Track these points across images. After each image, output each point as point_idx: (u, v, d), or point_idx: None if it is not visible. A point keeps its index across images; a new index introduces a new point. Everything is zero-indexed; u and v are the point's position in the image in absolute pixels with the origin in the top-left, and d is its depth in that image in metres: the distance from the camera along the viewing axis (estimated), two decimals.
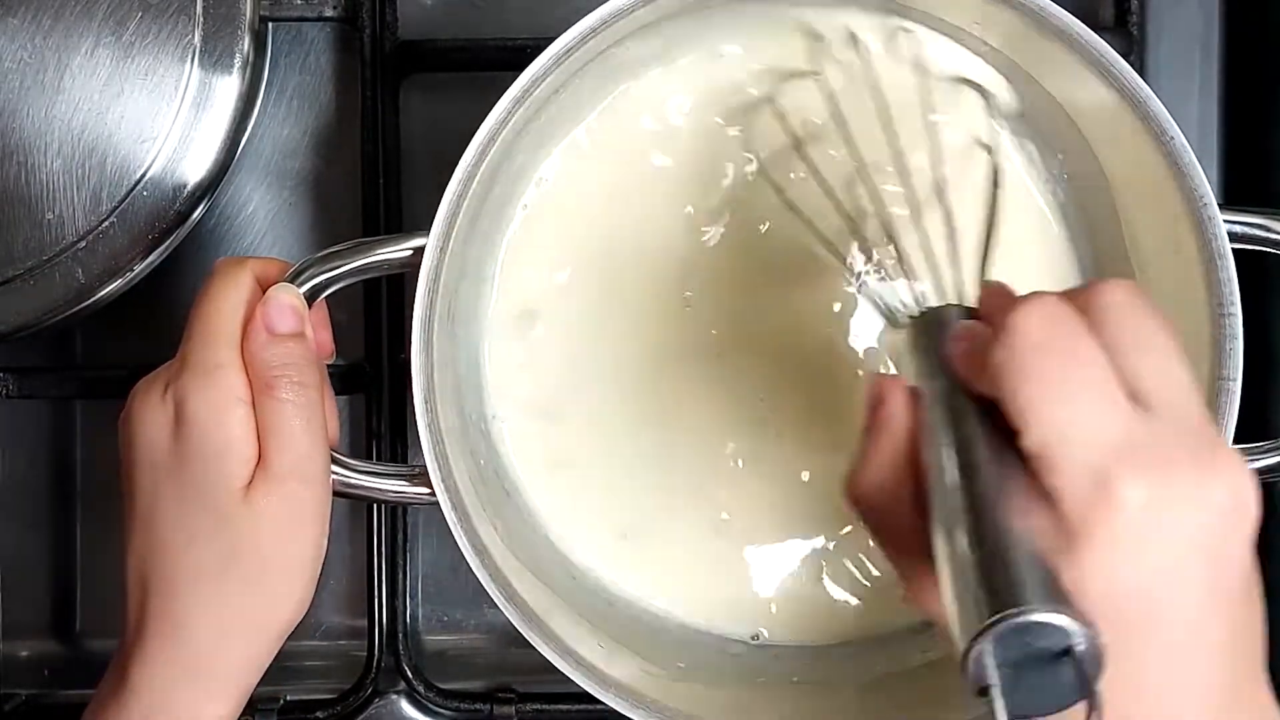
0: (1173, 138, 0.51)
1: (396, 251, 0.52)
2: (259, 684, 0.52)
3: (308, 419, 0.50)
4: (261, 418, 0.50)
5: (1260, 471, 0.53)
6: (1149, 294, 0.41)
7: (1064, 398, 0.38)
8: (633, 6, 0.51)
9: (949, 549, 0.39)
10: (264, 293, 0.51)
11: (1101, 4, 0.65)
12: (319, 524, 0.51)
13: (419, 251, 0.51)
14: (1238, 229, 0.52)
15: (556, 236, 0.59)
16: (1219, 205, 0.52)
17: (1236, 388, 0.52)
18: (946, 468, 0.40)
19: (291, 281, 0.51)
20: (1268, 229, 0.53)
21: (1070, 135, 0.57)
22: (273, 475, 0.49)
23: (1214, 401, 0.52)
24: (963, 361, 0.42)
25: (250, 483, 0.49)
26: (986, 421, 0.40)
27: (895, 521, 0.43)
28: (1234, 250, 0.52)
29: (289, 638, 0.52)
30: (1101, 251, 0.59)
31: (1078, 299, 0.40)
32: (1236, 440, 0.52)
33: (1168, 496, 0.37)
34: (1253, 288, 0.54)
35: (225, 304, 0.50)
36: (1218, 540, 0.37)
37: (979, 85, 0.57)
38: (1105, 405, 0.38)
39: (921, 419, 0.43)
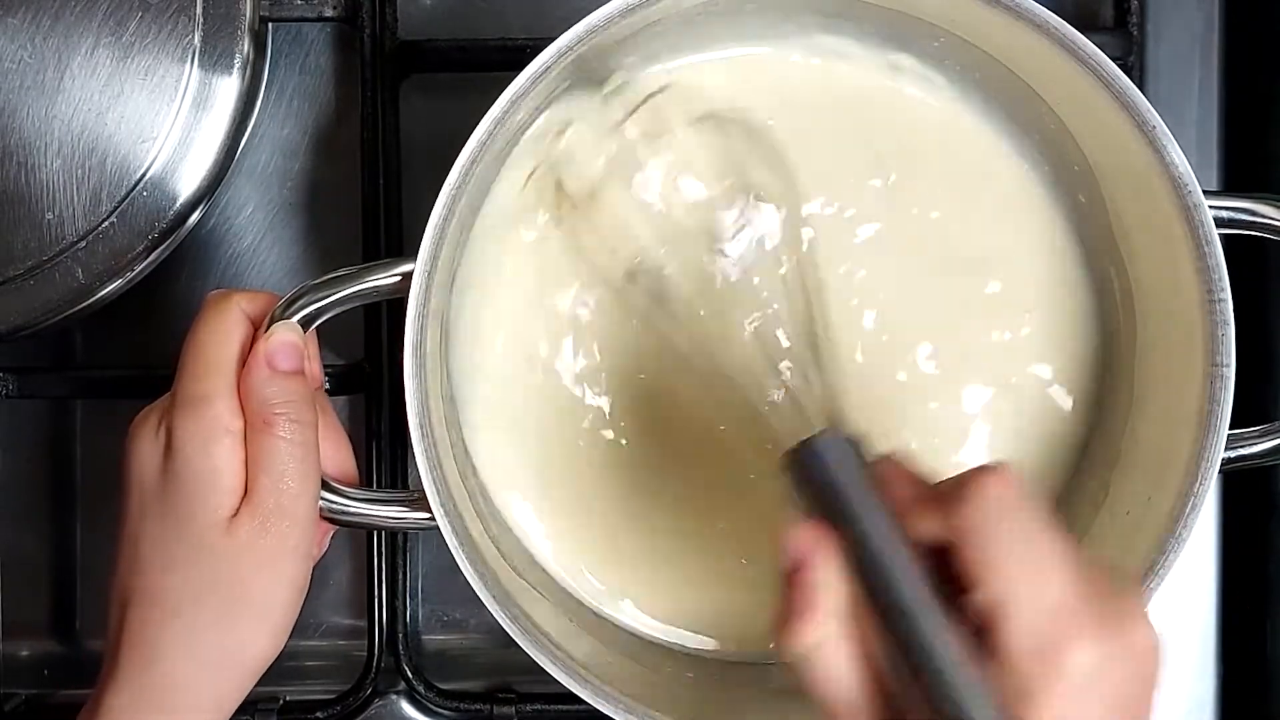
0: (1154, 126, 0.51)
1: (386, 279, 0.52)
2: (259, 684, 0.52)
3: (301, 457, 0.50)
4: (254, 453, 0.50)
5: (1255, 456, 0.54)
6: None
7: (1023, 562, 0.41)
8: (604, 26, 0.51)
9: (909, 696, 0.41)
10: (253, 326, 0.52)
11: (1101, 4, 0.65)
12: (299, 565, 0.51)
13: (407, 277, 0.51)
14: (1223, 214, 0.53)
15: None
16: (1204, 191, 0.52)
17: (1230, 374, 0.52)
18: (900, 616, 0.42)
19: (284, 311, 0.51)
20: (1253, 213, 0.53)
21: (1053, 127, 0.57)
22: (257, 511, 0.50)
23: (1208, 389, 0.52)
24: (914, 508, 0.43)
25: (235, 515, 0.50)
26: (926, 565, 0.42)
27: (835, 674, 0.43)
28: (1223, 236, 0.52)
29: (289, 637, 0.52)
30: (1091, 242, 0.59)
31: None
32: (1232, 426, 0.52)
33: (1106, 656, 0.41)
34: (1246, 273, 0.54)
35: (214, 337, 0.51)
36: (1142, 685, 0.42)
37: None
38: (1055, 572, 0.41)
39: (853, 563, 0.43)
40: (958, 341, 0.59)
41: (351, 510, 0.53)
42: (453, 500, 0.53)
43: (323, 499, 0.52)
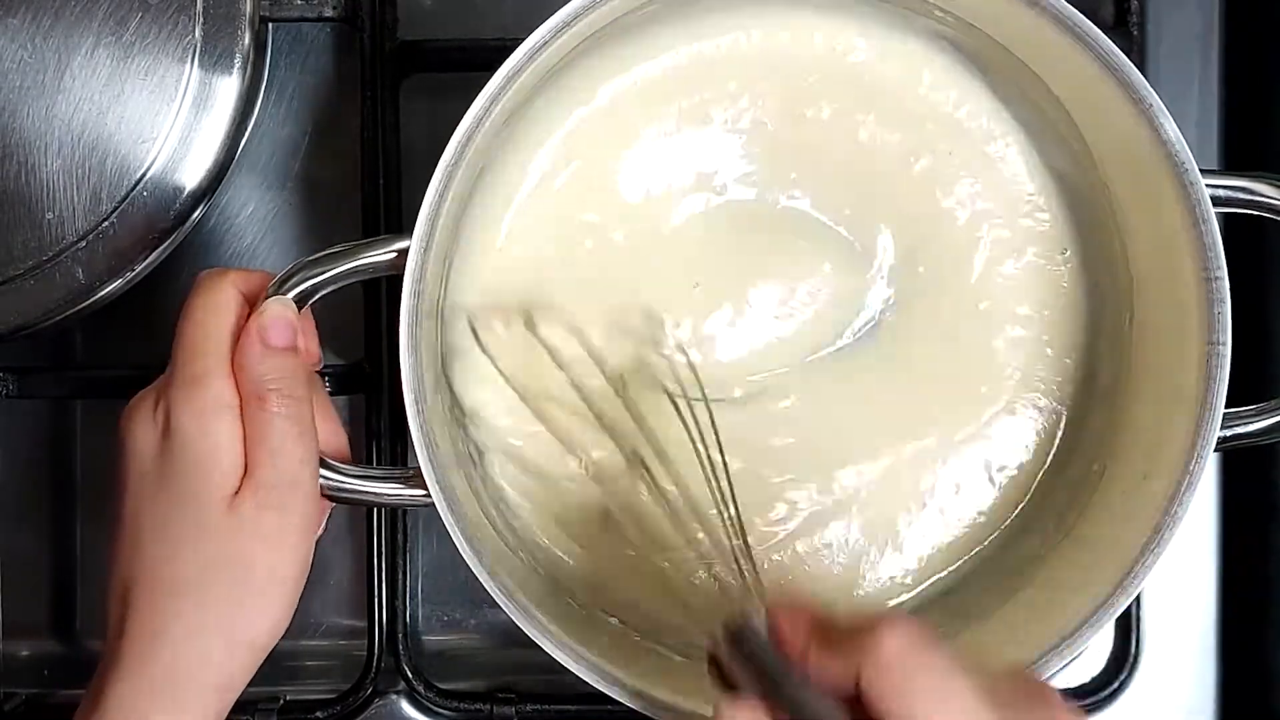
0: (1150, 104, 0.52)
1: (381, 255, 0.52)
2: (259, 684, 0.52)
3: (299, 433, 0.50)
4: (251, 429, 0.50)
5: (1250, 435, 0.54)
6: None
7: (944, 709, 0.41)
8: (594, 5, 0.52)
9: None
10: (248, 303, 0.51)
11: (1101, 4, 0.65)
12: (304, 540, 0.51)
13: (403, 254, 0.51)
14: (1220, 192, 0.53)
15: (539, 233, 0.59)
16: (1201, 170, 0.52)
17: (1227, 351, 0.52)
18: None
19: (279, 287, 0.51)
20: (1250, 191, 0.53)
21: (1050, 107, 0.57)
22: (260, 486, 0.49)
23: (1204, 367, 0.52)
24: (823, 660, 0.44)
25: (236, 493, 0.49)
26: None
27: None
28: (1220, 215, 0.52)
29: (289, 637, 0.52)
30: (1088, 220, 0.59)
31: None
32: (1229, 404, 0.52)
33: None
34: (1244, 252, 0.54)
35: (209, 315, 0.51)
36: None
37: None
38: (980, 712, 0.42)
39: None
40: (959, 322, 0.60)
41: (348, 487, 0.53)
42: (449, 479, 0.53)
43: (321, 476, 0.52)
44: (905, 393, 0.60)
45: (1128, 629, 0.65)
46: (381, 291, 0.63)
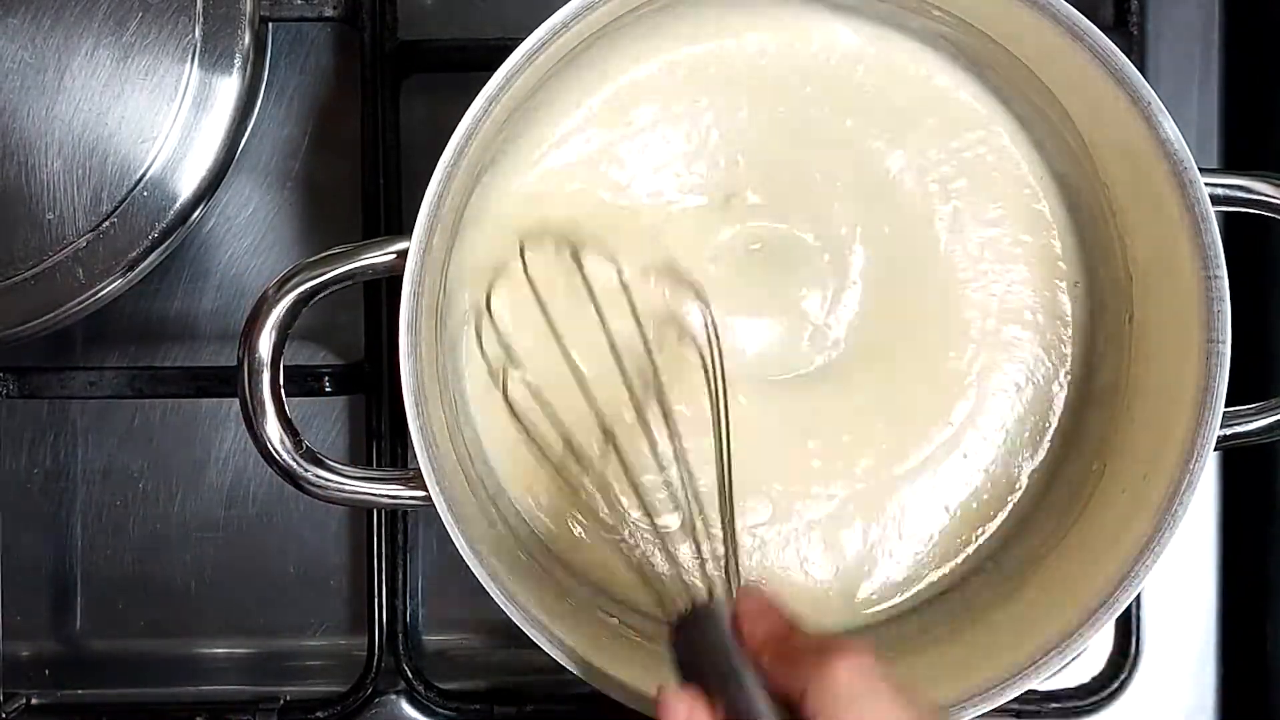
0: (1149, 103, 0.52)
1: (381, 256, 0.52)
2: (259, 684, 0.52)
3: None
4: None
5: (1250, 434, 0.54)
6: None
7: None
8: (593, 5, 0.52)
9: None
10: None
11: (1101, 4, 0.65)
12: None
13: (403, 255, 0.51)
14: (1220, 191, 0.53)
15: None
16: (1200, 169, 0.52)
17: (1226, 350, 0.52)
18: None
19: (278, 290, 0.51)
20: (1249, 189, 0.54)
21: (1049, 106, 0.57)
22: None
23: (1204, 366, 0.52)
24: (776, 662, 0.45)
25: None
26: None
27: None
28: (1220, 214, 0.52)
29: (289, 637, 0.51)
30: (1087, 220, 0.59)
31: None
32: (1229, 403, 0.52)
33: None
34: (1243, 252, 0.54)
35: None
36: None
37: None
38: None
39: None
40: (953, 323, 0.60)
41: (349, 489, 0.53)
42: (449, 479, 0.53)
43: (320, 477, 0.52)
44: (900, 393, 0.60)
45: (1128, 629, 0.65)
46: (381, 291, 0.63)
